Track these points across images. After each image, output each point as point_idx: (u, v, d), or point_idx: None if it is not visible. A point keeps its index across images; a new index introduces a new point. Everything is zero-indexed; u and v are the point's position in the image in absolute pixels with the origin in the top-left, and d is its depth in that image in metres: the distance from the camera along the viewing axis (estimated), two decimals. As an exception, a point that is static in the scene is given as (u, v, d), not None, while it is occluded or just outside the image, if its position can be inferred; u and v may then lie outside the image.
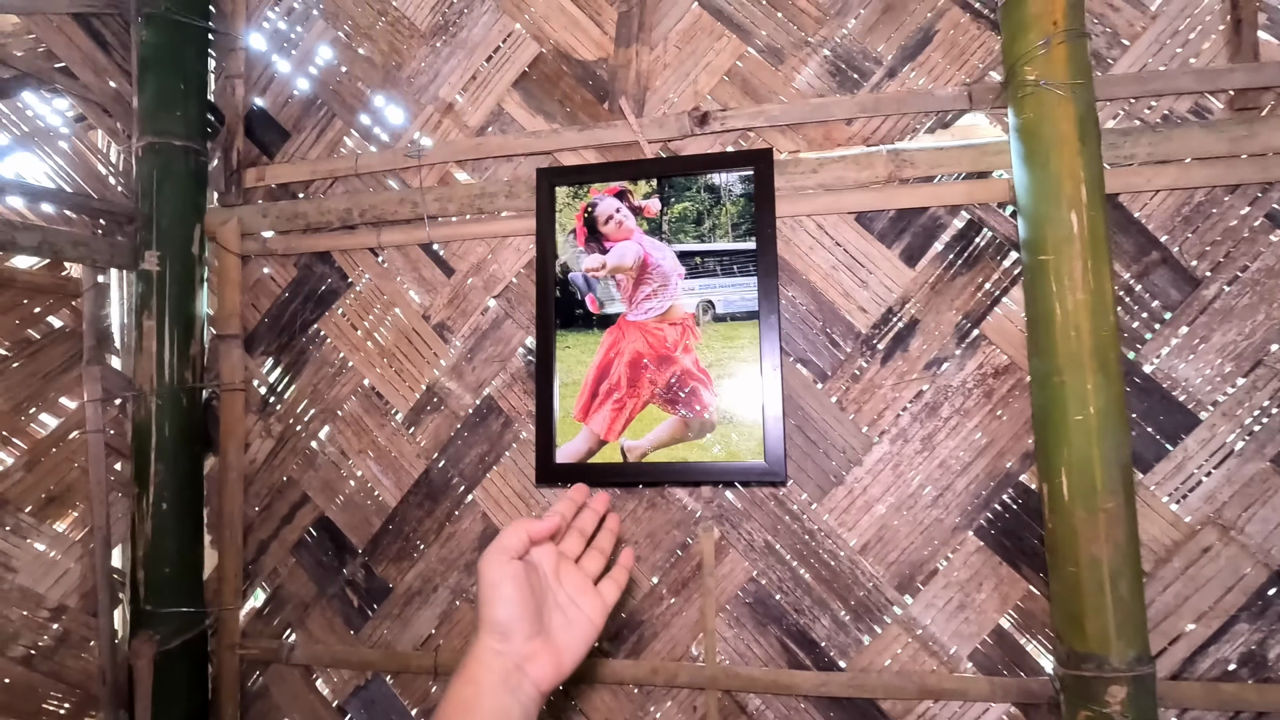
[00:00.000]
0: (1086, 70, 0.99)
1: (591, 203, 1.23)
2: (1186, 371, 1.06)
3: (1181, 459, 1.05)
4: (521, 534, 0.66)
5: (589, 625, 0.69)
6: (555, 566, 0.71)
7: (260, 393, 1.42)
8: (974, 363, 1.13)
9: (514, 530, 0.65)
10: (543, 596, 0.67)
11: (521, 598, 0.63)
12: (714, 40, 1.25)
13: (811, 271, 1.19)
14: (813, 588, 1.15)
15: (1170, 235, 1.08)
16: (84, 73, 1.36)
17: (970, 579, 1.10)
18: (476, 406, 1.30)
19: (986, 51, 1.15)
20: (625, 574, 0.77)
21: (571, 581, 0.71)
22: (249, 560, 1.39)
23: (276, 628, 1.38)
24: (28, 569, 1.25)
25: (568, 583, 0.71)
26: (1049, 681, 1.04)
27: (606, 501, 0.81)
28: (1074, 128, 0.97)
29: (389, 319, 1.36)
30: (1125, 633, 0.93)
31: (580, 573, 0.73)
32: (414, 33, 1.38)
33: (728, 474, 1.14)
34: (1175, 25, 1.09)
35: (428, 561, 1.30)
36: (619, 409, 1.18)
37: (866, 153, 1.16)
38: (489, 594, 0.63)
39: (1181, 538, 1.05)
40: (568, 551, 0.74)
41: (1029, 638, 1.08)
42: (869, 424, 1.15)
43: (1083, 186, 0.97)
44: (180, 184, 1.37)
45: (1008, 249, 1.12)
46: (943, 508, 1.12)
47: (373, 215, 1.34)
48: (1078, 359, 0.95)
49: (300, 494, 1.38)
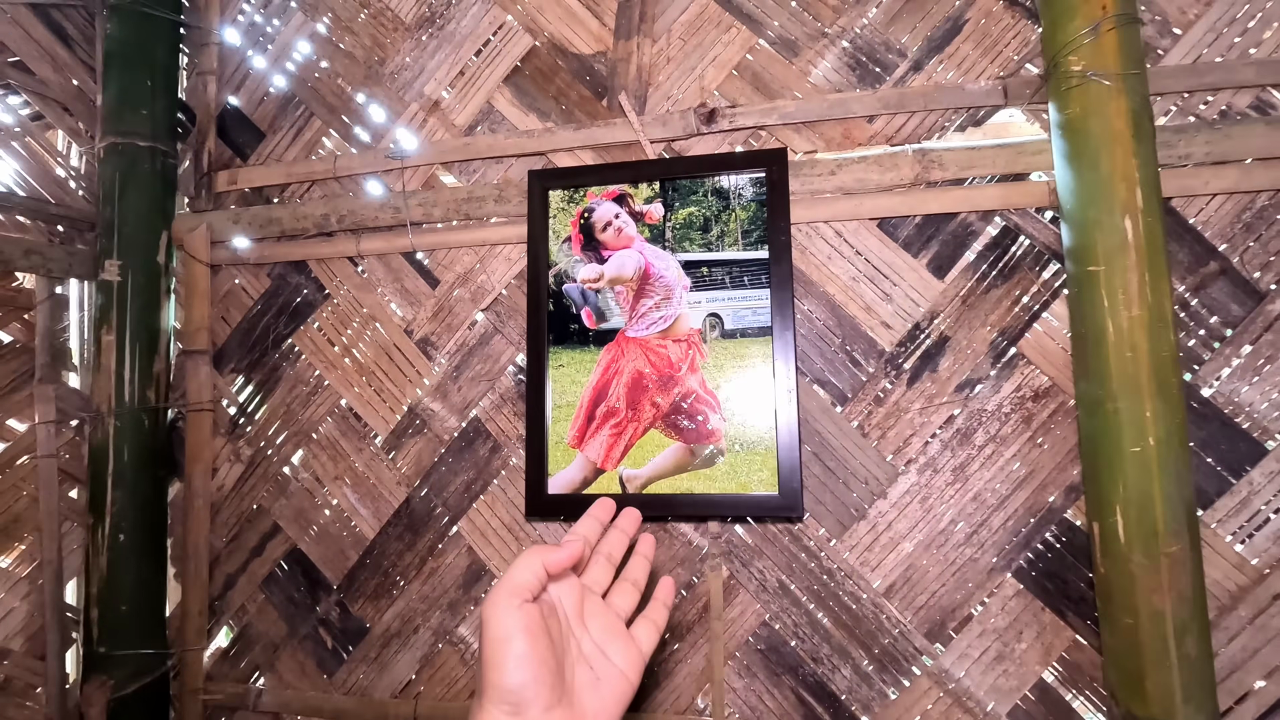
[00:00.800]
0: (1140, 59, 0.89)
1: (588, 208, 1.13)
2: (1250, 395, 0.95)
3: (1246, 493, 0.94)
4: (537, 567, 0.52)
5: (623, 682, 0.55)
6: (579, 605, 0.56)
7: (229, 413, 1.31)
8: (1011, 385, 1.02)
9: (527, 563, 0.51)
10: (564, 648, 0.53)
11: (539, 655, 0.49)
12: (722, 32, 1.15)
13: (830, 283, 1.08)
14: (832, 634, 1.04)
15: (1230, 244, 0.97)
16: (42, 68, 1.26)
17: (1009, 626, 0.99)
18: (462, 430, 1.19)
19: (1022, 42, 1.05)
20: (665, 612, 0.62)
21: (600, 624, 0.57)
22: (215, 596, 1.28)
23: (244, 670, 1.27)
24: (-32, 608, 1.14)
25: (595, 626, 0.56)
26: (1100, 745, 0.93)
27: (638, 520, 0.66)
28: (1127, 123, 0.87)
29: (368, 334, 1.26)
30: (1193, 695, 0.82)
31: (610, 612, 0.58)
32: (398, 25, 1.28)
33: (737, 507, 1.03)
34: (1233, 12, 0.99)
35: (408, 599, 1.19)
36: (617, 434, 1.08)
37: (890, 153, 1.06)
38: (497, 651, 0.48)
39: (1248, 582, 0.93)
40: (594, 584, 0.60)
41: (1076, 693, 0.97)
42: (894, 452, 1.04)
43: (1138, 189, 0.87)
44: (146, 188, 1.27)
45: (1048, 259, 1.02)
46: (977, 546, 1.01)
47: (352, 221, 1.24)
48: (1134, 382, 0.85)
49: (271, 524, 1.27)
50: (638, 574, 0.64)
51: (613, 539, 0.64)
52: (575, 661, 0.54)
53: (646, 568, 0.65)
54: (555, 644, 0.51)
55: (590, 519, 0.63)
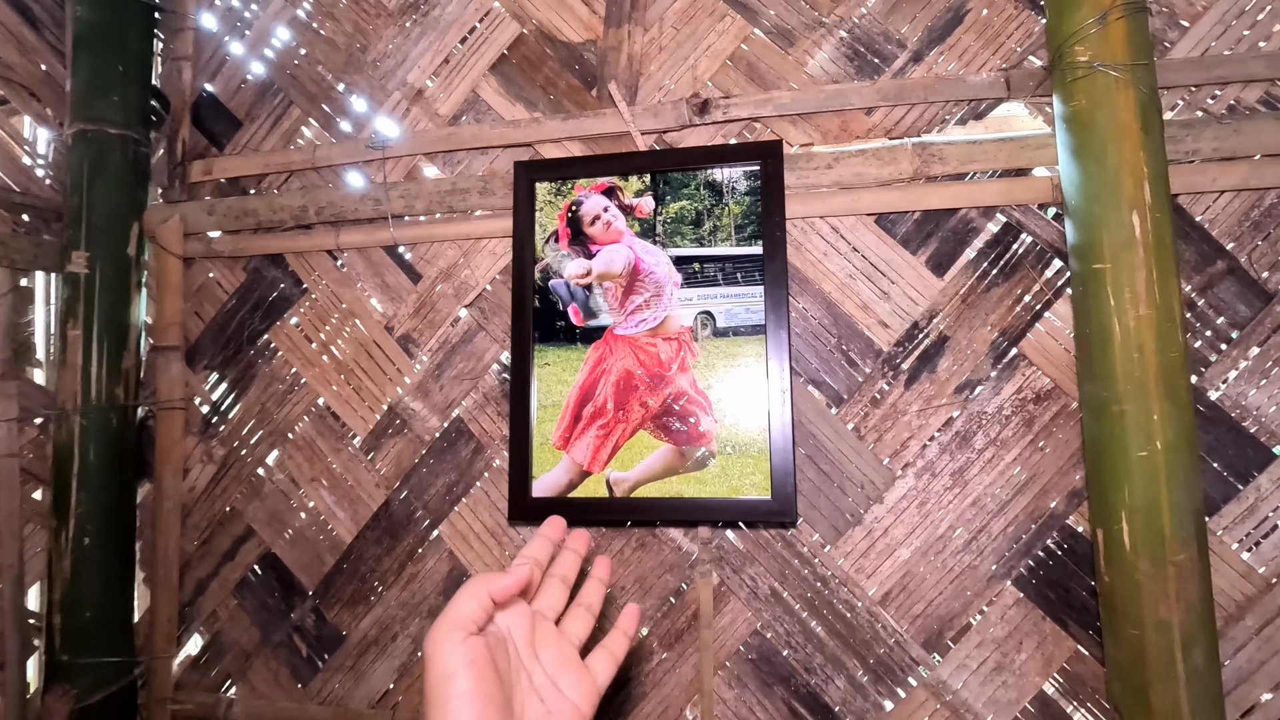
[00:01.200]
0: (1149, 49, 0.86)
1: (576, 201, 1.09)
2: (1258, 399, 0.93)
3: (1254, 500, 0.92)
4: (482, 596, 0.48)
5: (576, 717, 0.51)
6: (530, 633, 0.53)
7: (202, 412, 1.27)
8: (1012, 386, 0.99)
9: (471, 591, 0.48)
10: (513, 681, 0.50)
11: (485, 692, 0.46)
12: (716, 20, 1.11)
13: (825, 281, 1.05)
14: (826, 643, 1.01)
15: (1238, 242, 0.95)
16: (7, 51, 1.22)
17: (1008, 636, 0.96)
18: (444, 430, 1.16)
19: (1025, 33, 1.02)
20: (626, 643, 0.58)
21: (553, 654, 0.53)
22: (185, 602, 1.25)
23: (215, 679, 1.23)
24: (-78, 614, 1.10)
25: (547, 656, 0.53)
26: (1103, 760, 0.90)
27: (587, 541, 0.62)
28: (1135, 116, 0.84)
29: (347, 330, 1.22)
30: (1200, 708, 0.79)
31: (564, 640, 0.55)
32: (381, 11, 1.24)
33: (729, 512, 1.00)
34: (1242, 4, 0.96)
35: (386, 606, 1.15)
36: (605, 435, 1.04)
37: (889, 146, 1.03)
38: (439, 690, 0.45)
39: (1255, 591, 0.91)
40: (546, 609, 0.56)
41: (1077, 706, 0.94)
42: (891, 455, 1.01)
43: (1146, 184, 0.84)
44: (116, 177, 1.23)
45: (1050, 257, 0.99)
46: (976, 553, 0.98)
47: (331, 213, 1.20)
48: (1141, 385, 0.82)
49: (244, 527, 1.24)
50: (592, 598, 0.59)
51: (565, 560, 0.59)
52: (526, 695, 0.50)
53: (602, 591, 0.60)
54: (503, 678, 0.48)
55: (541, 539, 0.58)
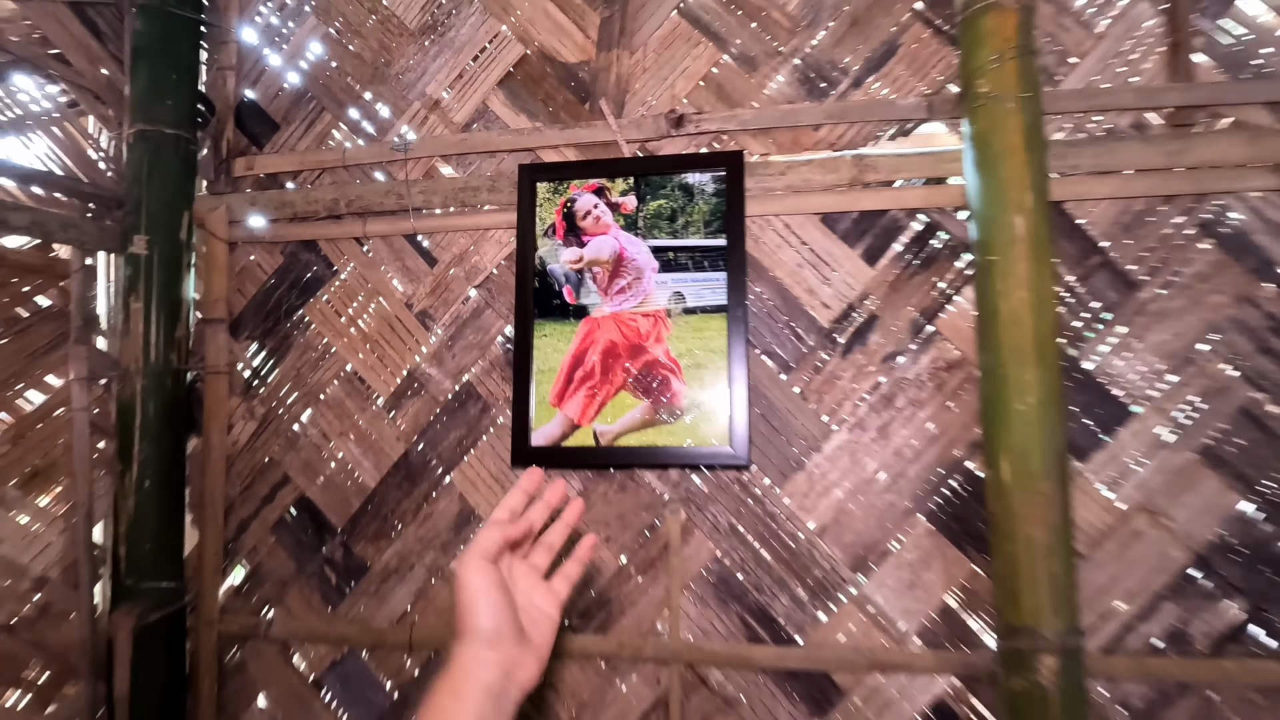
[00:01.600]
0: (1035, 84, 1.06)
1: (571, 198, 1.29)
2: (1123, 369, 1.14)
3: (1116, 450, 1.13)
4: (498, 537, 0.64)
5: (550, 622, 0.68)
6: (509, 565, 0.69)
7: (244, 376, 1.45)
8: (928, 357, 1.19)
9: (490, 534, 0.64)
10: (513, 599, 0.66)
11: (506, 602, 0.62)
12: (691, 47, 1.31)
13: (778, 268, 1.25)
14: (773, 567, 1.21)
15: (1111, 241, 1.16)
16: (78, 60, 1.39)
17: (920, 559, 1.17)
18: (456, 392, 1.35)
19: (946, 65, 1.22)
20: (580, 568, 0.73)
21: (524, 578, 0.69)
22: (229, 538, 1.42)
23: (255, 604, 1.41)
24: (11, 541, 1.28)
25: (521, 580, 0.69)
26: (990, 655, 1.11)
27: (563, 492, 0.75)
28: (1021, 138, 1.04)
29: (372, 306, 1.41)
30: (1057, 607, 0.99)
31: (529, 566, 0.71)
32: (403, 31, 1.43)
33: (694, 458, 1.20)
34: (1119, 46, 1.17)
35: (405, 541, 1.35)
36: (592, 395, 1.24)
37: (832, 157, 1.23)
38: (474, 601, 0.60)
39: (1115, 522, 1.12)
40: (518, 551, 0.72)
41: (973, 614, 1.15)
42: (829, 413, 1.21)
43: (1028, 192, 1.04)
44: (170, 171, 1.39)
45: (961, 250, 1.19)
46: (896, 493, 1.18)
47: (359, 206, 1.39)
48: (1020, 352, 1.02)
49: (281, 474, 1.41)
50: (554, 539, 0.74)
51: (536, 511, 0.72)
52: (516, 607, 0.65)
53: (565, 533, 0.74)
54: (508, 595, 0.64)
55: (519, 491, 0.71)
